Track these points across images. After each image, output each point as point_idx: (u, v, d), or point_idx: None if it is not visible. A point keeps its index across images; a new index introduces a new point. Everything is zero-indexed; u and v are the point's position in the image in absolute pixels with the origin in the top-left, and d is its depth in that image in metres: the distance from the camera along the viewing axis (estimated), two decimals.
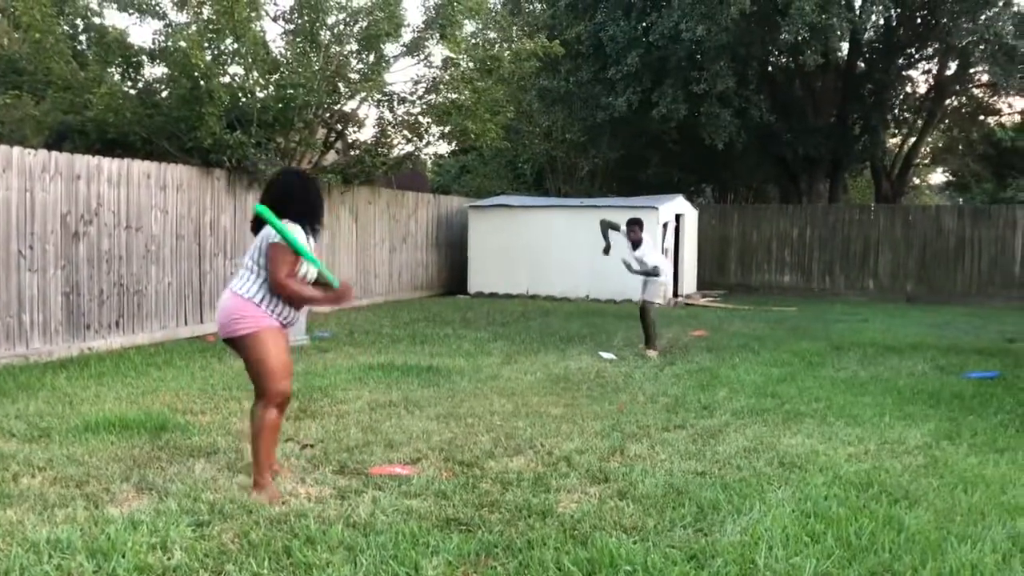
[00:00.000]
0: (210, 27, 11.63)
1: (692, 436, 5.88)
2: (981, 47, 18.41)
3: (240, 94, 12.39)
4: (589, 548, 3.71)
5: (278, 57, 13.06)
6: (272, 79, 12.77)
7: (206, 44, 11.55)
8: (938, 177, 37.87)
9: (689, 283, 18.65)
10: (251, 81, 12.51)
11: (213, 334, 11.09)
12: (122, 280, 10.02)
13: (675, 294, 17.65)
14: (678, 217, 17.85)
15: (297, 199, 4.44)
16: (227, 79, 12.22)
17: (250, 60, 12.07)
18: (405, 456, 5.27)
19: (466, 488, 4.60)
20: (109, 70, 12.31)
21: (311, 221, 4.46)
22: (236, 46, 11.96)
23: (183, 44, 11.20)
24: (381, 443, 5.54)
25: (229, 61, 12.33)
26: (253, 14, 11.70)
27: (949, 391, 7.57)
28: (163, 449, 5.34)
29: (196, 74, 11.20)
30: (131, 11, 12.35)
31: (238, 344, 4.44)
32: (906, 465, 5.17)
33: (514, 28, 18.30)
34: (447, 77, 15.08)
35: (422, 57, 14.63)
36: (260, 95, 12.61)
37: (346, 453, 5.27)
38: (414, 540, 3.80)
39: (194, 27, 11.73)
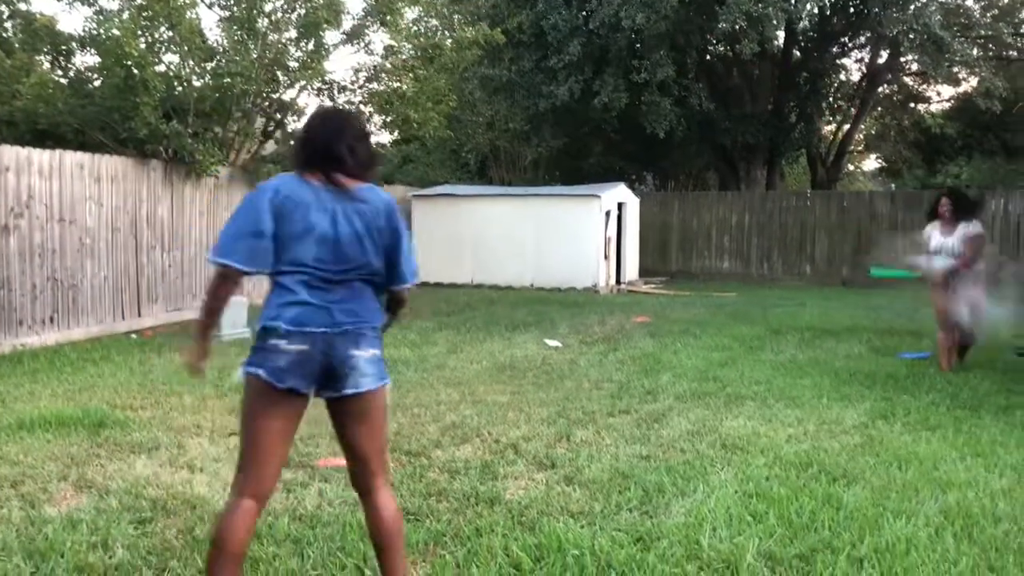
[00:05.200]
0: (143, 14, 11.35)
1: (637, 421, 5.95)
2: (911, 36, 18.88)
3: (176, 83, 12.12)
4: (537, 534, 3.75)
5: (214, 45, 12.81)
6: (209, 68, 12.51)
7: (140, 32, 11.27)
8: (871, 163, 38.74)
9: (631, 270, 18.84)
10: (187, 70, 12.25)
11: (151, 328, 10.89)
12: (56, 274, 9.75)
13: (618, 281, 17.82)
14: (620, 205, 18.00)
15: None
16: (162, 68, 11.95)
17: (186, 48, 11.82)
18: None
19: (413, 478, 4.60)
20: (38, 58, 11.95)
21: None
22: (171, 34, 11.69)
23: (116, 32, 10.92)
24: (327, 435, 5.47)
25: (164, 49, 12.06)
26: (188, 1, 11.45)
27: (884, 372, 7.78)
28: (102, 446, 5.23)
29: (129, 63, 10.91)
30: None
31: None
32: (844, 445, 5.31)
33: (456, 16, 18.22)
34: (388, 65, 14.95)
35: (363, 45, 14.49)
36: (197, 84, 12.35)
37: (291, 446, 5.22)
38: (362, 531, 3.78)
39: (127, 14, 11.43)
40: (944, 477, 4.59)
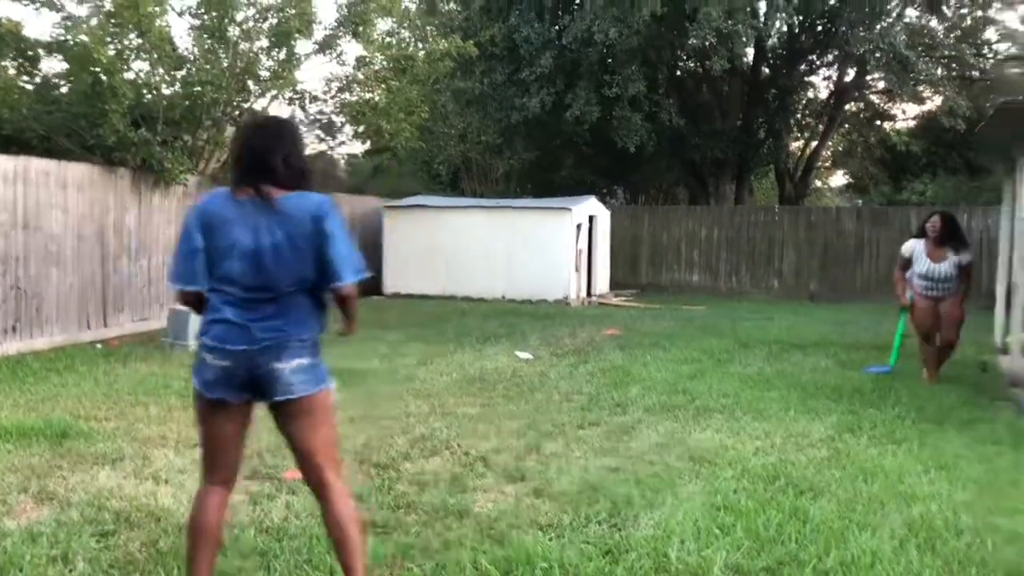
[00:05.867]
0: (112, 21, 11.25)
1: (606, 433, 5.96)
2: (877, 55, 19.20)
3: (145, 91, 12.01)
4: (506, 547, 3.74)
5: (185, 53, 12.71)
6: (179, 76, 12.41)
7: (108, 39, 11.16)
8: (838, 180, 39.26)
9: (602, 283, 18.90)
10: (157, 77, 12.14)
11: (117, 338, 10.74)
12: (19, 282, 9.60)
13: (589, 293, 17.87)
14: (591, 218, 18.08)
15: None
16: (131, 75, 11.83)
17: (155, 56, 11.72)
18: None
19: (382, 490, 4.58)
20: (3, 64, 11.78)
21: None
22: (140, 41, 11.59)
23: (84, 38, 10.80)
24: None
25: (133, 57, 11.94)
26: (158, 8, 11.36)
27: (850, 386, 7.86)
28: (64, 457, 5.14)
29: (98, 69, 10.80)
30: (27, 2, 11.84)
31: None
32: (811, 458, 5.35)
33: (428, 28, 18.26)
34: (360, 76, 14.93)
35: (335, 55, 14.45)
36: (166, 92, 12.25)
37: (258, 458, 5.17)
38: (329, 544, 3.75)
39: (95, 20, 11.32)
40: (909, 490, 4.64)
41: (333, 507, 3.09)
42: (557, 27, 19.73)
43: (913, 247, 8.19)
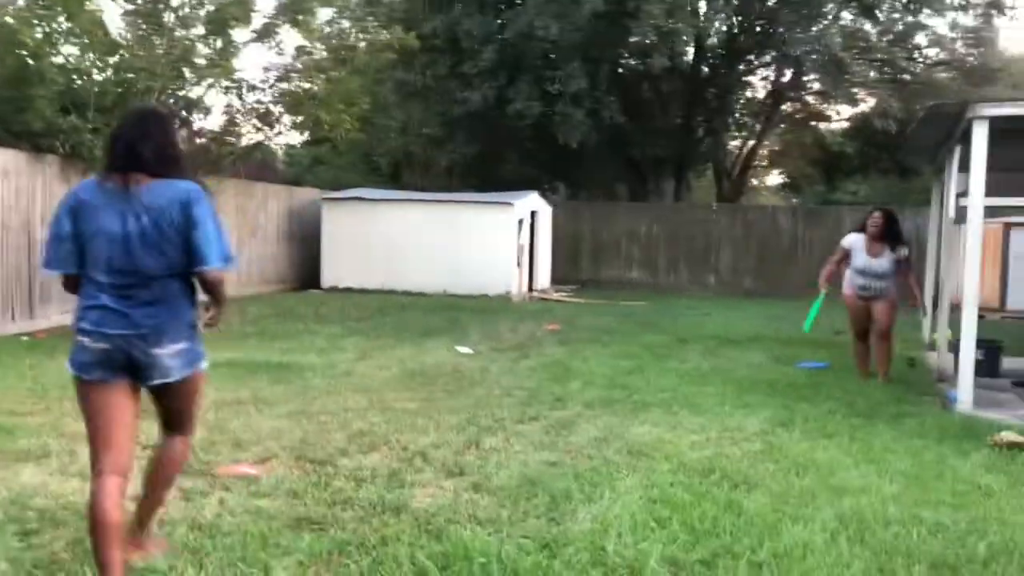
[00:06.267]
0: (40, 2, 10.88)
1: (545, 428, 5.98)
2: (813, 57, 19.62)
3: (75, 76, 11.65)
4: (444, 542, 3.72)
5: (118, 39, 12.36)
6: (111, 61, 12.07)
7: (36, 21, 10.80)
8: (774, 179, 40.00)
9: (543, 278, 18.98)
10: (87, 63, 11.79)
11: (44, 331, 10.42)
12: None
13: (530, 288, 17.92)
14: (533, 214, 18.12)
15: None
16: (60, 59, 11.47)
17: (86, 40, 11.38)
18: (254, 455, 5.11)
19: (318, 486, 4.51)
20: None
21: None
22: (70, 25, 11.24)
23: (9, 20, 10.43)
24: (228, 443, 5.35)
25: (62, 40, 11.58)
26: None
27: (784, 381, 8.01)
28: None
29: (24, 53, 10.44)
30: None
31: None
32: (745, 451, 5.43)
33: (370, 18, 18.07)
34: (300, 65, 14.70)
35: (273, 44, 14.21)
36: (98, 78, 11.90)
37: (191, 453, 5.06)
38: (263, 541, 3.69)
39: (22, 2, 10.94)
40: (840, 483, 4.75)
41: (169, 448, 3.45)
42: (500, 21, 19.72)
43: (853, 241, 8.32)
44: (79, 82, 11.69)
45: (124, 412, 3.19)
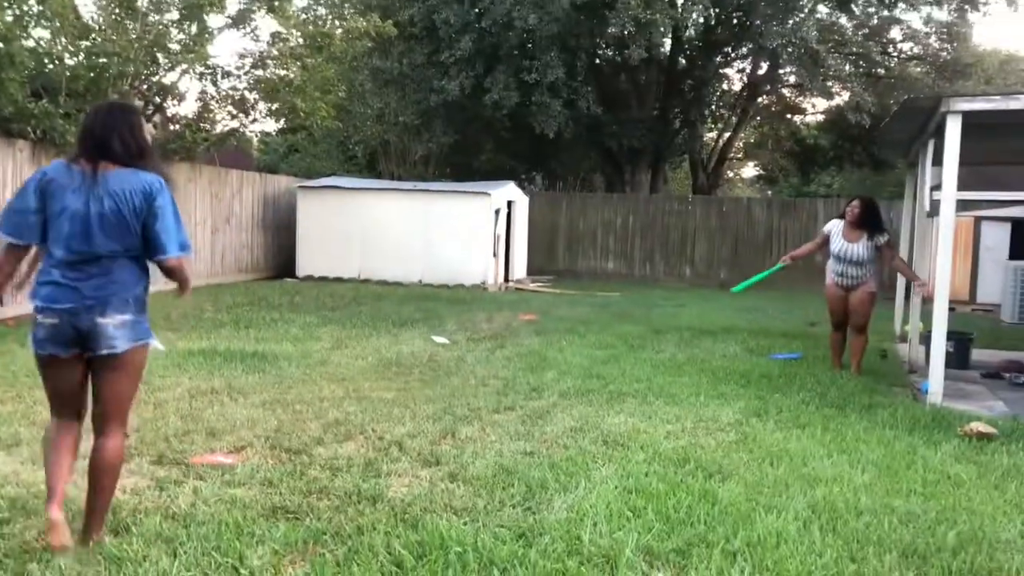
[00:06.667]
0: None
1: (521, 417, 5.99)
2: (789, 50, 19.72)
3: (46, 60, 11.48)
4: (420, 531, 3.71)
5: (89, 23, 12.19)
6: (83, 46, 11.90)
7: (6, 3, 10.61)
8: (750, 171, 40.29)
9: (519, 268, 18.98)
10: (59, 47, 11.62)
11: (14, 318, 10.28)
12: None
13: (506, 279, 17.92)
14: (510, 204, 18.10)
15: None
16: (31, 43, 11.29)
17: (57, 24, 11.20)
18: (229, 444, 5.08)
19: (293, 476, 4.49)
20: None
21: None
22: (40, 8, 11.06)
23: None
24: (203, 431, 5.31)
25: (33, 24, 11.40)
26: None
27: (758, 371, 8.07)
28: None
29: None
30: None
31: None
32: (719, 441, 5.47)
33: (346, 5, 17.94)
34: (275, 52, 14.58)
35: (249, 30, 14.08)
36: (70, 62, 11.73)
37: (165, 443, 5.03)
38: (238, 530, 3.67)
39: None
40: (812, 473, 4.79)
41: (100, 451, 3.49)
42: (477, 10, 19.63)
43: (832, 226, 8.38)
44: (51, 66, 11.52)
45: (74, 384, 3.52)
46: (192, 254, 3.61)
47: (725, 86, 26.35)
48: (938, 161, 7.22)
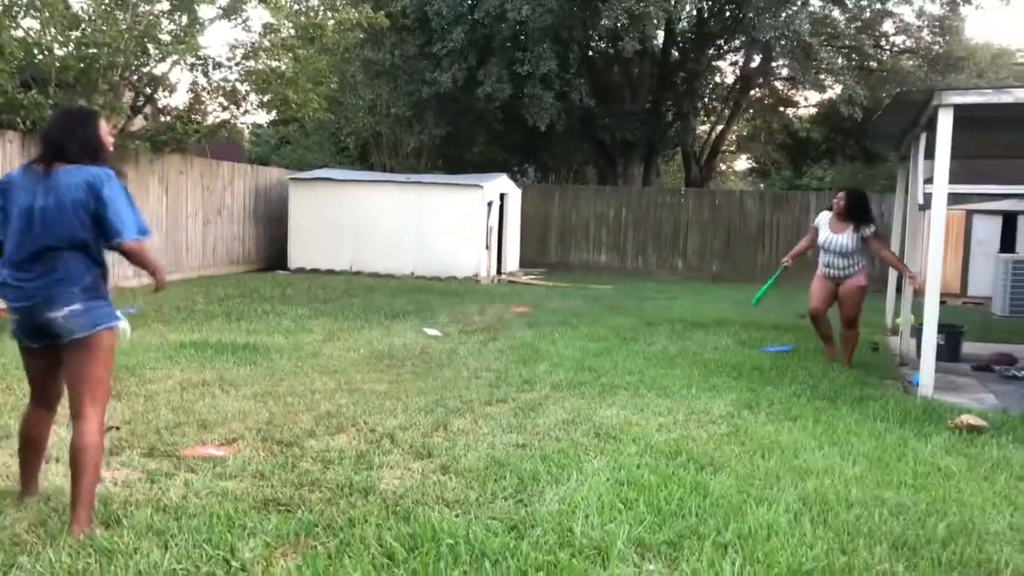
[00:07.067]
0: None
1: (513, 410, 5.99)
2: (782, 42, 19.69)
3: (36, 51, 11.40)
4: (412, 523, 3.71)
5: (79, 13, 12.10)
6: (73, 36, 11.81)
7: None
8: (742, 164, 40.34)
9: (512, 261, 18.97)
10: (48, 37, 11.54)
11: (4, 309, 10.24)
12: None
13: (498, 271, 17.91)
14: (502, 196, 18.08)
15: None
16: (20, 33, 11.21)
17: (47, 14, 11.12)
18: (220, 437, 5.07)
19: (285, 468, 4.49)
20: None
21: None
22: None
23: None
24: (194, 424, 5.30)
25: (22, 13, 11.31)
26: None
27: (750, 364, 8.09)
28: None
29: None
30: None
31: None
32: (711, 434, 5.48)
33: None
34: (267, 43, 14.51)
35: (240, 21, 14.00)
36: (59, 53, 11.65)
37: (156, 435, 5.01)
38: (229, 522, 3.66)
39: None
40: (804, 465, 4.81)
41: (77, 436, 3.59)
42: (470, 1, 19.57)
43: (821, 218, 8.41)
44: (40, 57, 11.45)
45: (47, 371, 3.75)
46: (151, 238, 3.78)
47: (718, 79, 26.34)
48: (930, 154, 7.24)
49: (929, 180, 7.36)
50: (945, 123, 6.75)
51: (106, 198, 3.57)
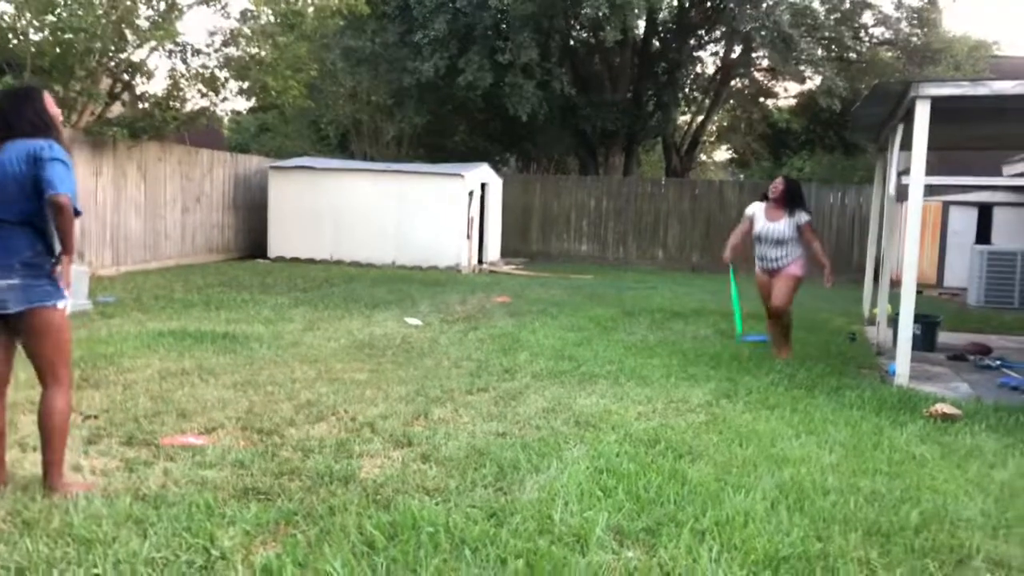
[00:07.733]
0: None
1: (494, 399, 6.01)
2: (762, 33, 19.75)
3: (11, 35, 11.26)
4: (391, 511, 3.73)
5: None
6: (48, 21, 11.67)
7: None
8: (722, 154, 40.46)
9: (493, 250, 18.97)
10: (24, 22, 11.39)
11: None
12: None
13: (480, 261, 17.90)
14: (483, 185, 18.06)
15: None
16: None
17: None
18: (199, 426, 5.06)
19: (265, 457, 4.48)
20: None
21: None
22: None
23: None
24: (173, 412, 5.28)
25: None
26: None
27: (728, 353, 8.14)
28: None
29: None
30: None
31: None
32: (690, 422, 5.53)
33: None
34: (246, 30, 14.40)
35: (219, 7, 13.88)
36: (35, 38, 11.51)
37: (134, 423, 4.99)
38: (209, 511, 3.66)
39: None
40: (781, 453, 4.86)
41: (43, 402, 3.84)
42: None
43: (755, 208, 8.14)
44: (15, 42, 11.30)
45: None
46: (80, 213, 3.84)
47: (699, 69, 26.40)
48: (907, 146, 7.30)
49: (906, 171, 7.43)
50: (922, 114, 6.81)
51: (45, 160, 3.69)
